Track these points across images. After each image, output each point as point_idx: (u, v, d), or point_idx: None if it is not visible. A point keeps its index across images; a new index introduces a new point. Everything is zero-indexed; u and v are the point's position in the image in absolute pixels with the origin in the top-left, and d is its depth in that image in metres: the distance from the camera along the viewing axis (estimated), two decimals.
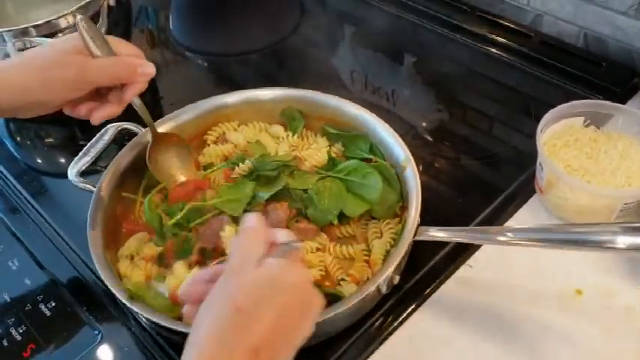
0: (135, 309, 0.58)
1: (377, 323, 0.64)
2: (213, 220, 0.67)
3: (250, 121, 0.80)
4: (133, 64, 0.64)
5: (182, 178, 0.74)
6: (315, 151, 0.75)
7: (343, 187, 0.69)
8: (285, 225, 0.67)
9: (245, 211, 0.68)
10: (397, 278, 0.64)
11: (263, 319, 0.44)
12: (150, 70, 0.65)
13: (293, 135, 0.78)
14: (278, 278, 0.47)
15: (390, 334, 0.63)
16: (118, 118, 0.71)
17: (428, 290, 0.66)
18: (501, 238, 0.58)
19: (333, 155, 0.75)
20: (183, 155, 0.75)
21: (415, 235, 0.61)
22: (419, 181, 0.65)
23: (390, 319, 0.64)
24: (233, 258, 0.49)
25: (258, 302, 0.45)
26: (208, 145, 0.78)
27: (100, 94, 0.66)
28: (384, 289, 0.62)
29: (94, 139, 0.76)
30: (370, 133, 0.74)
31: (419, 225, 0.62)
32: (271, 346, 0.44)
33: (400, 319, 0.64)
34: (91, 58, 0.63)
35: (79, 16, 0.62)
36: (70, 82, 0.62)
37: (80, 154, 0.74)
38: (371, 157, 0.73)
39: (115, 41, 0.65)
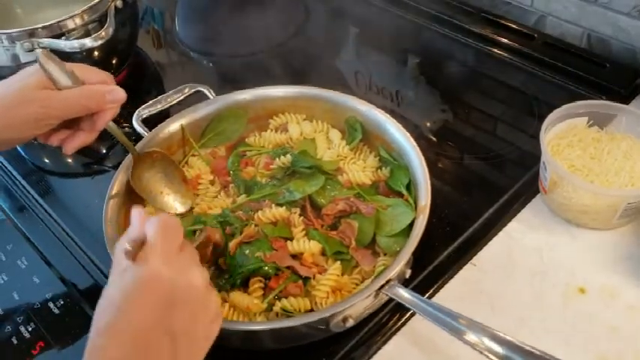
0: None
1: (381, 322, 0.65)
2: None
3: (317, 119, 0.81)
4: (100, 92, 0.62)
5: (169, 194, 0.74)
6: (360, 168, 0.75)
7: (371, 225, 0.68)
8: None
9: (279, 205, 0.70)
10: (409, 272, 0.65)
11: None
12: (119, 95, 0.63)
13: (348, 144, 0.78)
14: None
15: (395, 332, 0.64)
16: (195, 80, 0.82)
17: (432, 289, 0.67)
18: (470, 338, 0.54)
19: (375, 178, 0.74)
20: (169, 171, 0.74)
21: (382, 287, 0.59)
22: (420, 233, 0.63)
23: (394, 317, 0.65)
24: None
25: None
26: (271, 130, 0.81)
27: (71, 121, 0.64)
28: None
29: (169, 92, 0.81)
30: (409, 166, 0.72)
31: (389, 281, 0.59)
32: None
33: (405, 317, 0.65)
34: (55, 92, 0.60)
35: (37, 50, 0.58)
36: (35, 120, 0.60)
37: (151, 102, 0.80)
38: (405, 193, 0.71)
39: (81, 69, 0.62)
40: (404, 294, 0.59)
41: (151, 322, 0.44)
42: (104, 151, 0.89)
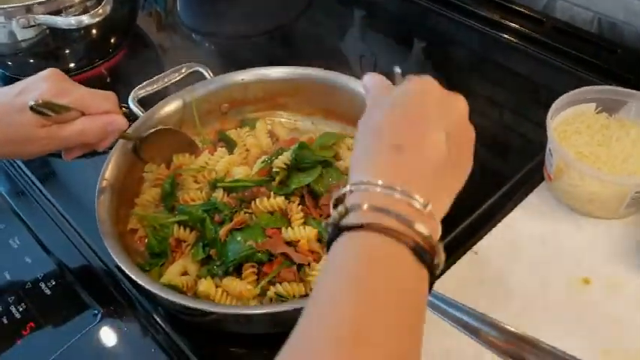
0: (143, 283, 0.58)
1: None
2: None
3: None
4: (99, 127, 0.62)
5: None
6: None
7: None
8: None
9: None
10: None
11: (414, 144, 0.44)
12: (119, 125, 0.64)
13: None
14: (414, 90, 0.47)
15: None
16: (201, 57, 0.81)
17: None
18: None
19: None
20: (178, 140, 0.75)
21: None
22: None
23: None
24: (369, 95, 0.50)
25: (405, 129, 0.44)
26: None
27: None
28: None
29: (166, 72, 0.79)
30: None
31: None
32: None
33: None
34: (55, 129, 0.60)
35: (29, 103, 0.58)
36: (38, 153, 0.63)
37: (146, 82, 0.78)
38: None
39: (82, 97, 0.62)
40: None
41: (430, 123, 0.45)
42: None
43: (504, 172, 0.77)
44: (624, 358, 0.58)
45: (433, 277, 0.40)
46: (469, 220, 0.70)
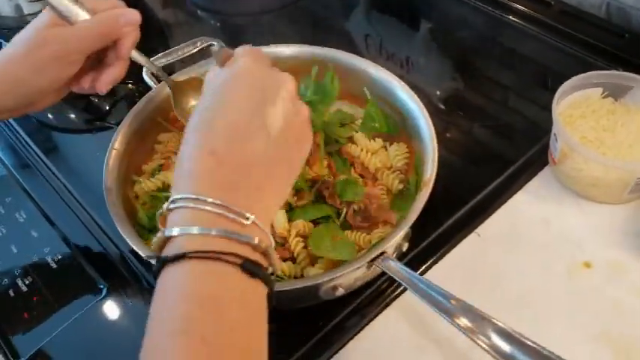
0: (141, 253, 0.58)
1: (379, 290, 0.64)
2: None
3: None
4: (112, 16, 0.60)
5: None
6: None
7: None
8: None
9: None
10: (405, 245, 0.64)
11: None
12: (132, 16, 0.61)
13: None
14: (230, 75, 0.48)
15: (393, 300, 0.63)
16: (207, 34, 0.77)
17: (435, 257, 0.66)
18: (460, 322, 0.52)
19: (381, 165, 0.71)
20: None
21: (375, 260, 0.58)
22: (421, 207, 0.59)
23: (392, 287, 0.64)
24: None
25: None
26: None
27: (98, 61, 0.63)
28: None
29: (183, 44, 0.78)
30: (419, 137, 0.69)
31: (383, 253, 0.58)
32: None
33: (401, 288, 0.63)
34: (69, 27, 0.58)
35: None
36: (57, 59, 0.58)
37: (161, 54, 0.76)
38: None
39: (90, 0, 0.60)
40: (395, 268, 0.57)
41: (245, 114, 0.44)
42: (107, 107, 0.88)
43: (509, 154, 0.77)
44: (624, 343, 0.59)
45: (270, 282, 0.41)
46: (473, 202, 0.70)
